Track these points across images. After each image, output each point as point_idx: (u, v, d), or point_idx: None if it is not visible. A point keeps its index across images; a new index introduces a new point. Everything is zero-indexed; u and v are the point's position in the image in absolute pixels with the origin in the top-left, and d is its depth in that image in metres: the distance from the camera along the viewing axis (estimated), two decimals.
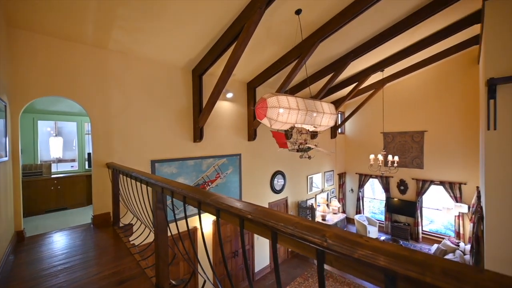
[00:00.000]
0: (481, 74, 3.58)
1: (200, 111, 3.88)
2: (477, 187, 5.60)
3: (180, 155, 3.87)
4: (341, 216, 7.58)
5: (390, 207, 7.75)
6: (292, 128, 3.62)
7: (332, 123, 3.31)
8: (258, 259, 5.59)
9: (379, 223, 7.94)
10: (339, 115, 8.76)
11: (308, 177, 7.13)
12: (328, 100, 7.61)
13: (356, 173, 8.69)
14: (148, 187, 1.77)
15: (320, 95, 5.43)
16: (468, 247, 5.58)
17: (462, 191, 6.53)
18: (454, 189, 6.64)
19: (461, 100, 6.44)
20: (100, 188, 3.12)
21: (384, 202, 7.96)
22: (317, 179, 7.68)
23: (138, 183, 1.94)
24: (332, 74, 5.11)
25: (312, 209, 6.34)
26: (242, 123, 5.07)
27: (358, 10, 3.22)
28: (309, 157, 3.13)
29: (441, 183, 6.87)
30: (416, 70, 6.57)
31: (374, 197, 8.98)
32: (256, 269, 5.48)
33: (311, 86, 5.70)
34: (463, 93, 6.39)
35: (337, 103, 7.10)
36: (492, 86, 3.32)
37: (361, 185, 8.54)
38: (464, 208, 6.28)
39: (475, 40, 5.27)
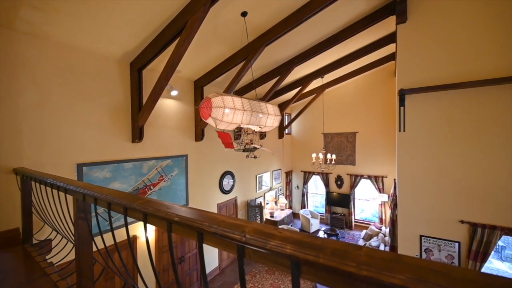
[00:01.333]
0: (396, 85, 4.36)
1: (140, 109, 3.55)
2: (394, 179, 6.76)
3: (115, 157, 3.45)
4: (288, 212, 8.07)
5: (330, 201, 8.65)
6: (240, 128, 3.67)
7: (276, 124, 3.49)
8: (208, 261, 5.47)
9: (321, 215, 8.78)
10: (286, 116, 9.31)
11: (257, 176, 7.34)
12: (275, 102, 8.00)
13: (301, 171, 9.39)
14: (69, 195, 1.52)
15: (267, 97, 5.66)
16: (388, 230, 6.69)
17: (384, 183, 7.77)
18: (378, 181, 7.86)
19: (383, 106, 7.67)
20: (3, 199, 2.53)
21: (325, 196, 8.84)
22: (266, 178, 7.99)
23: (57, 191, 1.65)
24: (278, 77, 5.39)
25: (260, 208, 6.55)
26: (189, 122, 4.87)
27: (299, 20, 3.49)
28: (255, 157, 3.22)
29: (369, 177, 8.04)
30: (349, 79, 7.53)
31: (317, 192, 9.87)
32: (206, 271, 5.34)
33: (258, 88, 5.90)
34: (385, 100, 7.62)
35: (283, 105, 7.53)
36: (402, 95, 4.04)
37: (305, 181, 9.27)
38: (385, 198, 7.49)
39: (392, 56, 6.36)
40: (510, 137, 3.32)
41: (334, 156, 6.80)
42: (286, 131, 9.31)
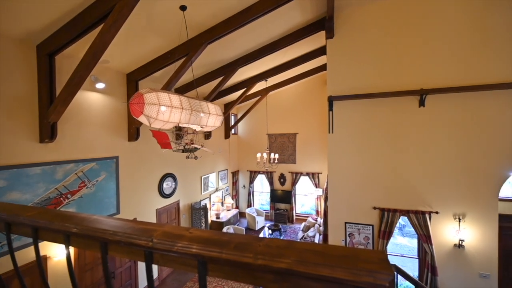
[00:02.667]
0: (326, 92, 4.96)
1: (52, 102, 2.95)
2: (327, 175, 7.64)
3: (12, 160, 2.76)
4: (234, 211, 8.11)
5: (274, 198, 9.12)
6: (180, 128, 3.48)
7: (218, 124, 3.45)
8: (143, 275, 4.98)
9: (266, 212, 9.16)
10: (232, 117, 9.36)
11: (202, 177, 7.13)
12: (221, 102, 7.95)
13: (247, 171, 9.59)
14: None
15: (211, 97, 5.56)
16: (322, 220, 7.49)
17: (319, 179, 8.67)
18: (315, 178, 8.71)
19: (319, 110, 8.55)
20: None
21: (270, 194, 9.26)
22: (212, 178, 7.83)
23: None
24: (222, 77, 5.36)
25: (205, 210, 6.38)
26: (121, 120, 4.33)
27: (241, 22, 3.54)
28: (196, 157, 3.11)
29: (307, 174, 8.83)
30: (291, 83, 8.10)
31: (262, 191, 10.26)
32: (141, 286, 4.85)
33: (203, 87, 5.74)
34: (320, 105, 8.51)
35: (229, 106, 7.54)
36: (330, 101, 4.59)
37: (251, 181, 9.51)
38: (320, 192, 8.37)
39: (325, 67, 7.16)
40: (413, 139, 4.17)
41: (277, 156, 7.20)
42: (233, 131, 9.35)
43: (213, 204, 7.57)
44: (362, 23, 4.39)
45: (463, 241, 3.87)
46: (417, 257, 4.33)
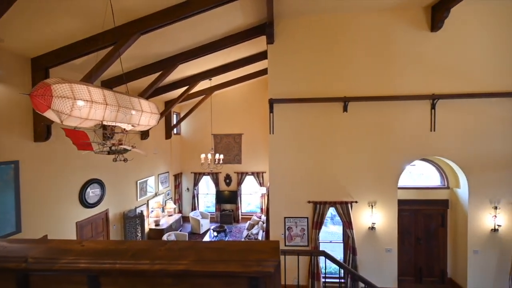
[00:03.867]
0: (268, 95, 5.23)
1: None
2: (269, 174, 8.03)
3: None
4: (176, 216, 7.64)
5: (220, 199, 9.02)
6: (106, 126, 3.07)
7: (153, 123, 3.18)
8: None
9: (211, 214, 8.98)
10: (174, 115, 8.81)
11: (138, 182, 6.45)
12: (161, 100, 7.39)
13: (191, 172, 9.19)
14: None
15: (147, 93, 5.10)
16: (265, 217, 7.84)
17: (263, 178, 9.03)
18: (259, 177, 9.03)
19: (263, 112, 8.89)
20: None
21: (215, 195, 9.12)
22: (151, 182, 7.19)
23: None
24: (160, 72, 4.98)
25: (141, 217, 5.80)
26: (22, 115, 3.50)
27: (180, 16, 3.36)
28: (125, 160, 2.78)
29: (252, 173, 9.08)
30: (236, 84, 8.18)
31: (208, 192, 10.02)
32: None
33: (137, 82, 5.21)
34: (264, 106, 8.86)
35: (170, 104, 7.07)
36: (271, 104, 4.84)
37: (196, 183, 9.16)
38: (264, 190, 8.73)
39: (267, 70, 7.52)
40: (339, 140, 4.77)
41: (222, 156, 7.15)
42: (175, 131, 8.80)
43: (152, 211, 6.95)
44: (299, 33, 4.79)
45: (375, 223, 4.69)
46: (342, 241, 5.00)
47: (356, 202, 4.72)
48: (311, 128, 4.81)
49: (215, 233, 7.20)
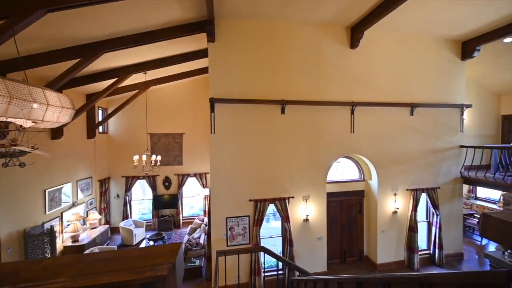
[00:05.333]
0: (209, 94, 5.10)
1: None
2: (210, 174, 7.87)
3: None
4: (102, 228, 6.61)
5: (158, 204, 8.29)
6: (2, 123, 2.43)
7: (65, 119, 2.65)
8: None
9: (147, 222, 8.14)
10: (100, 111, 7.63)
11: (48, 191, 5.27)
12: (80, 92, 6.30)
13: (122, 176, 8.13)
14: None
15: (59, 83, 4.23)
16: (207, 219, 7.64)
17: (206, 179, 8.77)
18: (202, 178, 8.73)
19: (206, 111, 8.64)
20: None
21: (152, 200, 8.32)
22: (67, 190, 5.99)
23: None
24: (79, 60, 4.22)
25: (51, 234, 4.76)
26: None
27: None
28: (22, 165, 2.20)
29: (195, 175, 8.71)
30: (176, 80, 7.66)
31: (143, 198, 9.06)
32: None
33: (45, 69, 4.27)
34: (207, 105, 8.61)
35: (93, 97, 6.07)
36: (212, 103, 4.74)
37: (128, 188, 8.15)
38: (207, 192, 8.49)
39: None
40: (277, 140, 5.05)
41: (159, 158, 6.58)
42: (100, 129, 7.61)
43: (68, 225, 5.80)
44: (241, 35, 4.86)
45: (308, 215, 5.18)
46: (281, 235, 5.33)
47: (292, 197, 5.11)
48: (251, 128, 4.95)
49: (151, 242, 6.57)
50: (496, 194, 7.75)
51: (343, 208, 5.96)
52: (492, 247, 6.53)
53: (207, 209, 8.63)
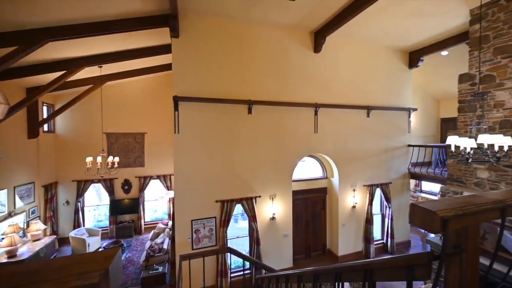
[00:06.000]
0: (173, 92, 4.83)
1: None
2: (174, 176, 7.53)
3: None
4: (47, 240, 5.82)
5: (116, 209, 7.62)
6: None
7: None
8: None
9: (103, 230, 7.43)
10: (45, 108, 6.74)
11: None
12: (18, 85, 5.49)
13: (73, 181, 7.28)
14: None
15: None
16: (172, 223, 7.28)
17: (171, 181, 8.36)
18: (166, 180, 8.30)
19: (170, 109, 8.22)
20: None
21: (109, 206, 7.63)
22: (1, 199, 5.15)
23: None
24: (16, 48, 3.66)
25: None
26: None
27: None
28: None
29: (158, 176, 8.23)
30: (138, 76, 7.15)
31: (99, 204, 8.26)
32: None
33: None
34: (171, 103, 8.22)
35: (36, 91, 5.33)
36: (176, 101, 4.53)
37: (80, 193, 7.33)
38: (172, 194, 8.09)
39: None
40: (244, 139, 5.03)
41: (117, 159, 6.07)
42: (45, 127, 6.72)
43: (2, 238, 4.98)
44: (208, 32, 4.74)
45: (275, 214, 5.28)
46: (248, 235, 5.34)
47: (259, 196, 5.16)
48: (217, 128, 4.86)
49: None
50: (437, 187, 8.90)
51: (308, 205, 6.21)
52: (433, 233, 7.48)
53: (171, 212, 8.23)
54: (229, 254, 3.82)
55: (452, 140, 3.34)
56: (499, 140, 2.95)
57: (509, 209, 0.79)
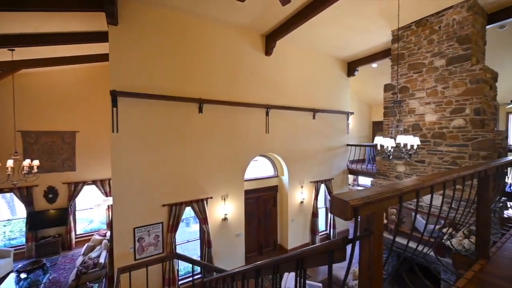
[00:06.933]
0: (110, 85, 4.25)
1: None
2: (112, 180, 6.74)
3: None
4: None
5: (35, 223, 6.34)
6: None
7: None
8: None
9: (17, 249, 6.09)
10: None
11: None
12: None
13: None
14: None
15: None
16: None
17: (111, 186, 7.42)
18: (104, 185, 7.34)
19: (106, 104, 7.30)
20: None
21: (26, 220, 6.29)
22: None
23: None
24: None
25: None
26: None
27: None
28: None
29: (94, 182, 7.21)
30: (66, 65, 6.11)
31: (12, 218, 6.76)
32: None
33: None
34: (108, 98, 7.30)
35: None
36: (114, 96, 4.05)
37: None
38: (111, 201, 7.19)
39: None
40: (195, 139, 4.81)
41: (37, 162, 5.07)
42: None
43: None
44: (153, 23, 4.37)
45: (227, 214, 5.24)
46: (199, 238, 5.15)
47: (211, 197, 5.03)
48: (165, 127, 4.54)
49: (24, 275, 4.94)
50: (369, 180, 10.29)
51: (259, 203, 6.37)
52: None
53: (111, 221, 7.33)
54: (177, 260, 3.60)
55: (378, 140, 3.90)
56: (410, 140, 3.58)
57: (405, 195, 0.94)
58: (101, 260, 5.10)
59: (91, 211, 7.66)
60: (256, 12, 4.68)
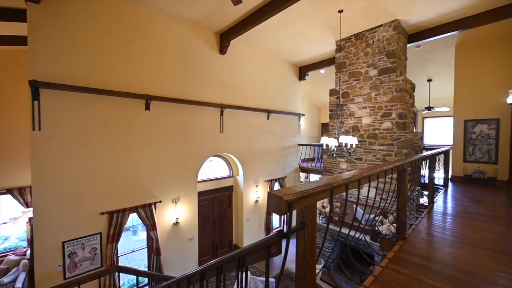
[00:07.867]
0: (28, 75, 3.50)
1: None
2: (32, 187, 5.68)
3: None
4: None
5: None
6: None
7: None
8: None
9: None
10: None
11: None
12: None
13: None
14: None
15: None
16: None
17: (32, 195, 6.21)
18: (24, 194, 6.09)
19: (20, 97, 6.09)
20: None
21: None
22: None
23: None
24: None
25: None
26: None
27: None
28: None
29: (9, 190, 5.91)
30: None
31: None
32: None
33: None
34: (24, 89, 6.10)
35: None
36: (35, 88, 3.39)
37: None
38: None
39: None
40: (141, 139, 4.37)
41: None
42: None
43: None
44: (90, 7, 3.81)
45: (178, 218, 4.95)
46: (146, 246, 4.73)
47: (160, 201, 4.68)
48: (104, 125, 4.02)
49: None
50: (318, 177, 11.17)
51: (214, 205, 6.23)
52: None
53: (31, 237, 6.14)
54: (117, 273, 3.22)
55: (324, 140, 4.25)
56: (350, 140, 4.01)
57: (335, 189, 1.02)
58: (18, 284, 4.20)
59: (6, 226, 6.26)
60: (209, 9, 4.56)
